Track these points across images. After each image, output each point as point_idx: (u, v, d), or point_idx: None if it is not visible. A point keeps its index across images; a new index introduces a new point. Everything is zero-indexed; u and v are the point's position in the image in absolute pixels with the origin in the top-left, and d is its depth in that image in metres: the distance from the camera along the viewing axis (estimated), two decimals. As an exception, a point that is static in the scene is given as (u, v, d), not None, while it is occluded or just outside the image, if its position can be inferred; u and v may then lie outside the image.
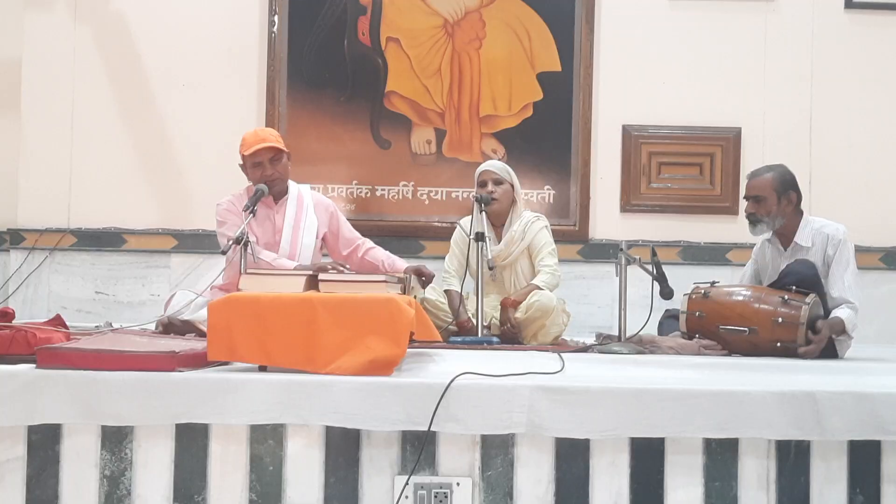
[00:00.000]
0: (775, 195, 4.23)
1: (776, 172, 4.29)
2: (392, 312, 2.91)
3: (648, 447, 2.78)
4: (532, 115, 5.79)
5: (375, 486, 2.78)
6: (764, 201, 4.23)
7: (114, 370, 2.77)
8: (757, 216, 4.25)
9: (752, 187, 4.28)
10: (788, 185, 4.27)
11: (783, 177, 4.28)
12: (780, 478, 2.79)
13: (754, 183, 4.29)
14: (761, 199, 4.24)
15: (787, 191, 4.25)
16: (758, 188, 4.26)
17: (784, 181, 4.27)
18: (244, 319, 2.88)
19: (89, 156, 5.74)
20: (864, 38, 5.79)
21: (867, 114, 5.80)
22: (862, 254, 5.37)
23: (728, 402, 2.75)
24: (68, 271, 5.70)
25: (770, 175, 4.27)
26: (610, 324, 5.25)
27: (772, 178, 4.25)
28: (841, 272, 4.17)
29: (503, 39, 5.82)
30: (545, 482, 2.78)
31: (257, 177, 4.29)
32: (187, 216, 5.70)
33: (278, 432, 2.78)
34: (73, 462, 2.78)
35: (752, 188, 4.28)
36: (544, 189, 5.74)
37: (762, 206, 4.24)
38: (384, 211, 5.77)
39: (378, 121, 5.80)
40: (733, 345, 3.98)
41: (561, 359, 3.16)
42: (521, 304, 4.41)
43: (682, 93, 5.79)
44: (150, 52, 5.78)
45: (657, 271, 4.04)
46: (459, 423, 2.72)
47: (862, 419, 2.75)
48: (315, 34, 5.79)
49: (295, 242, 4.32)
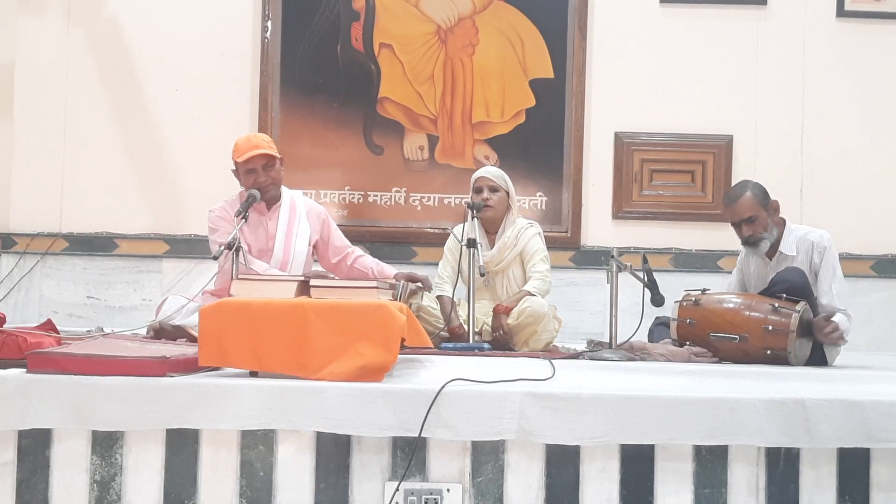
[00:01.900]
0: (763, 209, 4.23)
1: (752, 189, 4.27)
2: (383, 318, 2.91)
3: (638, 454, 2.79)
4: (525, 121, 5.80)
5: (366, 492, 2.79)
6: (757, 219, 4.22)
7: (104, 375, 2.78)
8: (756, 237, 4.24)
9: (739, 211, 4.24)
10: (766, 195, 4.28)
11: (760, 190, 4.28)
12: (770, 485, 2.81)
13: (740, 207, 4.24)
14: (754, 218, 4.22)
15: (767, 201, 4.26)
16: (746, 209, 4.23)
17: (763, 193, 4.27)
18: (235, 325, 2.89)
19: (82, 160, 5.73)
20: (855, 46, 5.81)
21: (859, 122, 5.81)
22: (853, 262, 5.42)
23: (718, 410, 2.77)
24: (60, 276, 5.68)
25: (750, 193, 4.25)
26: (601, 330, 5.27)
27: (752, 195, 4.24)
28: (829, 281, 4.18)
29: (496, 46, 5.82)
30: (535, 488, 2.79)
31: (250, 183, 4.29)
32: (180, 221, 5.69)
33: (269, 438, 2.78)
34: (64, 467, 2.79)
35: (740, 212, 4.24)
36: (536, 196, 5.75)
37: (758, 224, 4.23)
38: (376, 217, 5.77)
39: (371, 127, 5.81)
40: (724, 352, 3.99)
41: (552, 365, 3.16)
42: (513, 311, 4.41)
43: (675, 100, 5.80)
44: (144, 56, 5.77)
45: (648, 278, 4.05)
46: (450, 429, 2.73)
47: (851, 427, 2.77)
48: (308, 40, 5.79)
49: (288, 249, 4.31)
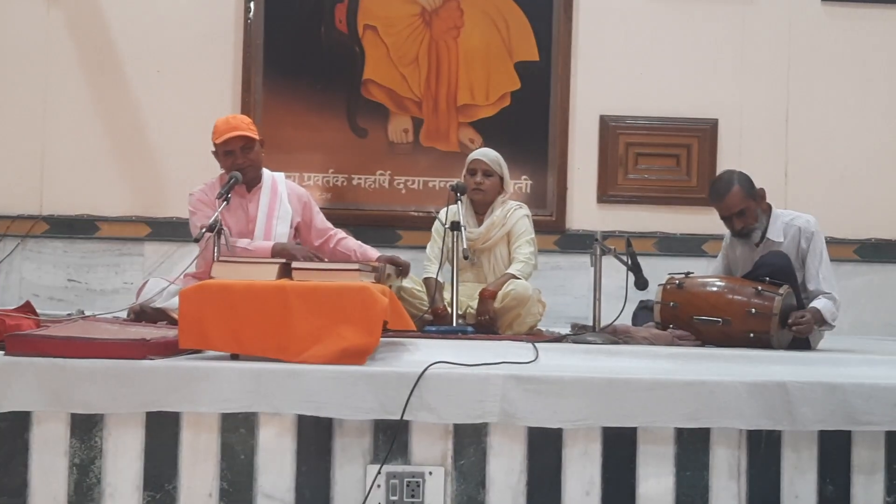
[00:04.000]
0: (751, 200, 4.21)
1: (739, 181, 4.22)
2: (365, 301, 2.90)
3: (620, 436, 2.79)
4: (510, 104, 5.79)
5: (347, 475, 2.78)
6: (747, 211, 4.21)
7: (84, 358, 2.76)
8: (747, 228, 4.23)
9: (729, 206, 4.22)
10: (752, 185, 4.25)
11: (746, 180, 4.24)
12: (751, 467, 2.81)
13: (729, 201, 4.21)
14: (744, 210, 4.21)
15: (754, 191, 4.25)
16: (736, 202, 4.20)
17: (749, 184, 4.24)
18: (216, 307, 2.87)
19: (62, 142, 5.68)
20: (840, 31, 5.82)
21: (843, 106, 5.83)
22: (837, 246, 5.42)
23: (700, 392, 2.77)
24: (40, 259, 5.64)
25: (737, 186, 4.21)
26: (585, 314, 5.22)
27: (739, 187, 4.20)
28: (815, 266, 4.17)
29: (481, 28, 5.80)
30: (518, 471, 2.79)
31: (228, 165, 4.25)
32: (161, 204, 5.66)
33: (250, 421, 2.77)
34: (43, 450, 2.77)
35: (730, 206, 4.21)
36: (521, 179, 5.74)
37: (748, 216, 4.21)
38: (360, 200, 5.75)
39: (355, 109, 5.78)
40: (707, 335, 3.98)
41: (535, 349, 3.15)
42: (497, 294, 4.40)
43: (660, 84, 5.80)
44: (124, 37, 5.72)
45: (632, 262, 4.05)
46: (432, 412, 2.73)
47: (832, 409, 2.78)
48: (292, 21, 5.75)
49: (269, 231, 4.28)
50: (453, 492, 2.78)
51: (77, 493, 2.76)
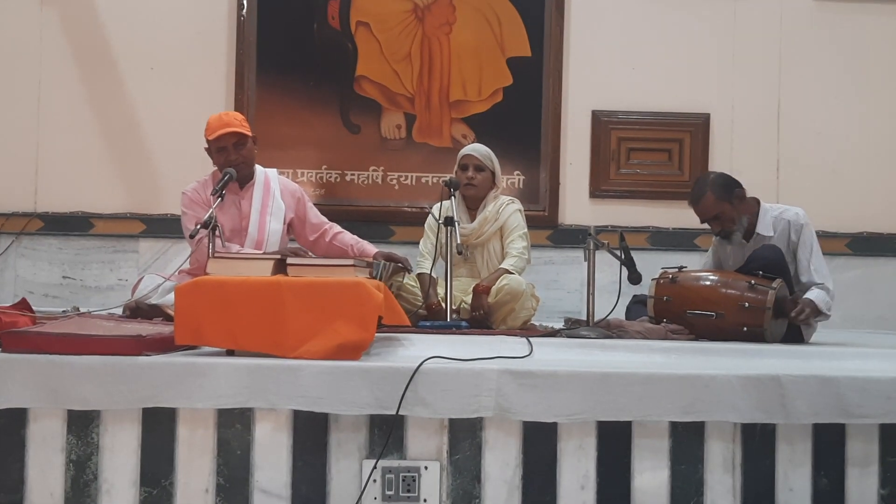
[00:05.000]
0: (726, 203, 4.19)
1: (711, 186, 4.20)
2: (360, 296, 2.91)
3: (615, 430, 2.80)
4: (502, 100, 5.79)
5: (343, 470, 2.79)
6: (722, 216, 4.20)
7: (80, 354, 2.76)
8: (725, 231, 4.24)
9: (702, 212, 4.22)
10: (728, 186, 4.23)
11: (719, 184, 4.22)
12: (746, 461, 2.82)
13: (701, 208, 4.21)
14: (718, 215, 4.21)
15: (731, 191, 4.21)
16: (708, 209, 4.20)
17: (723, 186, 4.21)
18: (211, 303, 2.88)
19: (56, 139, 5.68)
20: (832, 26, 5.84)
21: (835, 101, 5.85)
22: (828, 240, 5.44)
23: (694, 386, 2.78)
24: (35, 256, 5.64)
25: (709, 192, 4.19)
26: (579, 309, 5.28)
27: (711, 193, 4.18)
28: (807, 257, 4.19)
29: (473, 24, 5.81)
30: (513, 466, 2.80)
31: (221, 161, 4.26)
32: (156, 201, 5.65)
33: (246, 416, 2.78)
34: (39, 447, 2.77)
35: (703, 212, 4.21)
36: (514, 174, 5.75)
37: (724, 220, 4.21)
38: (354, 196, 5.76)
39: (348, 105, 5.78)
40: (700, 329, 3.99)
41: (529, 343, 3.16)
42: (491, 289, 4.41)
43: (652, 79, 5.81)
44: (118, 34, 5.71)
45: (625, 256, 4.05)
46: (427, 406, 2.73)
47: (826, 403, 2.79)
48: (284, 18, 5.75)
49: (262, 228, 4.29)
50: (449, 486, 2.79)
51: (74, 490, 2.77)
